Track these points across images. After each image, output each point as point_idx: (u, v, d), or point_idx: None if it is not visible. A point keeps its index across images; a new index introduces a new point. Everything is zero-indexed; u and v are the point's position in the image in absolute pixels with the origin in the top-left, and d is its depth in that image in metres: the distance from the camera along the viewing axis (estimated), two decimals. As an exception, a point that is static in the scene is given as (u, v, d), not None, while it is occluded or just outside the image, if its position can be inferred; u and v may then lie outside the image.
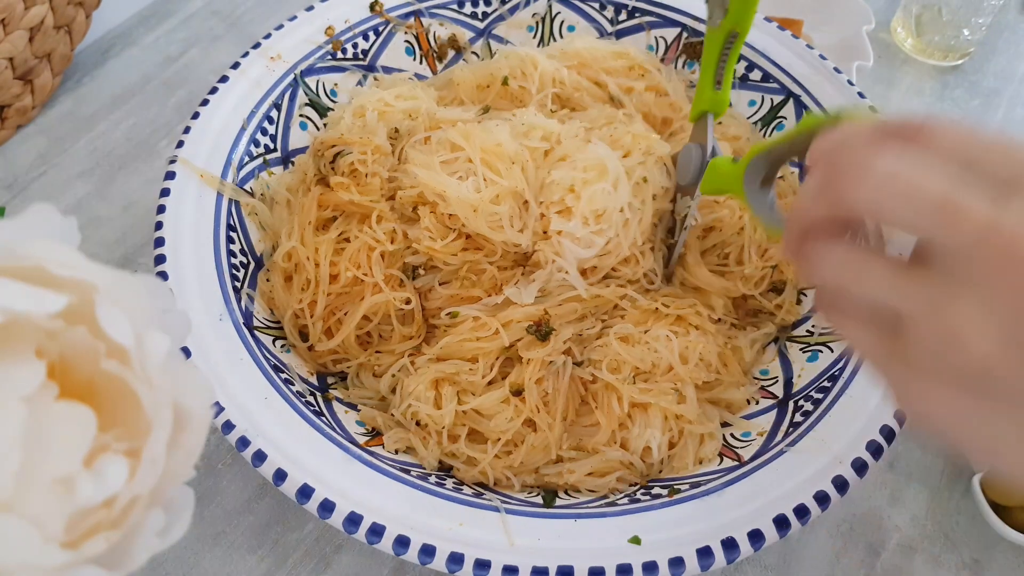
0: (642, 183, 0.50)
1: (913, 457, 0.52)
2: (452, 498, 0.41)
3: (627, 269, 0.50)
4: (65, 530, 0.18)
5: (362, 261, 0.49)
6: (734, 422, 0.48)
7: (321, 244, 0.50)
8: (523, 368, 0.47)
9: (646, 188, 0.50)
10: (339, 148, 0.53)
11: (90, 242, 0.61)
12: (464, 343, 0.48)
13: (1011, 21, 0.83)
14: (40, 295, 0.19)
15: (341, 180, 0.51)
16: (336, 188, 0.51)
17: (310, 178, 0.54)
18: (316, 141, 0.55)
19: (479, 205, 0.48)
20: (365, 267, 0.49)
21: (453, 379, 0.47)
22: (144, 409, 0.20)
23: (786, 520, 0.39)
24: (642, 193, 0.50)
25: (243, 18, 0.77)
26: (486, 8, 0.65)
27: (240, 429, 0.41)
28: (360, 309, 0.49)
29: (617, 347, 0.47)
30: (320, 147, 0.54)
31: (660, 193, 0.51)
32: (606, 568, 0.37)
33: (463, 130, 0.50)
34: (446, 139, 0.50)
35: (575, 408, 0.48)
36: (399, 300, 0.49)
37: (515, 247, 0.49)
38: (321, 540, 0.48)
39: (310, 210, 0.51)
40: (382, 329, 0.50)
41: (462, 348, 0.48)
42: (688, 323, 0.49)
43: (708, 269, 0.52)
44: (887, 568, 0.48)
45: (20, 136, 0.67)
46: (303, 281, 0.50)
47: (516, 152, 0.50)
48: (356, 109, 0.58)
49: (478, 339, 0.48)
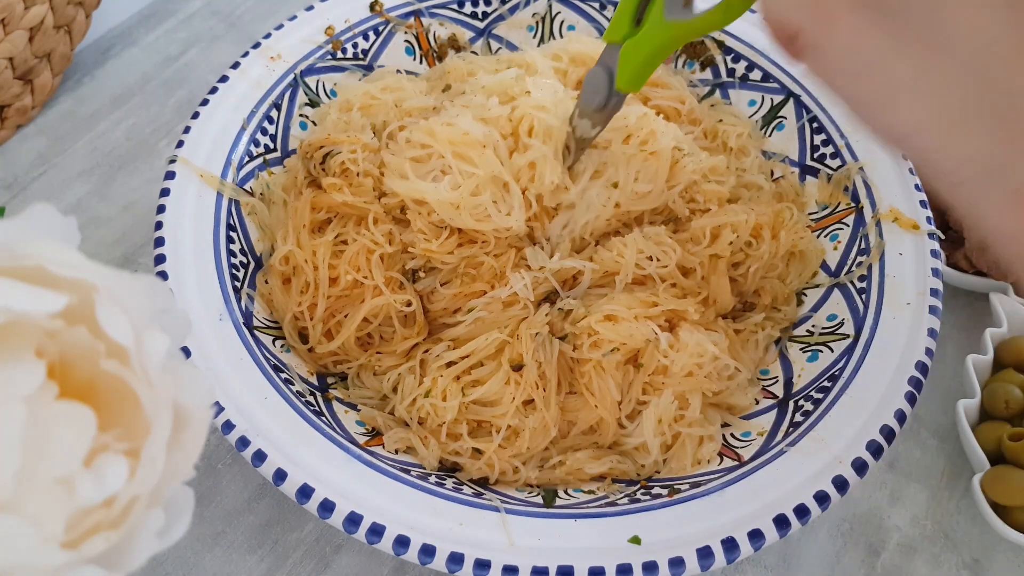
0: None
1: (913, 457, 0.52)
2: (452, 498, 0.41)
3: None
4: (65, 530, 0.18)
5: (361, 264, 0.49)
6: (734, 422, 0.48)
7: (319, 247, 0.50)
8: (516, 343, 0.47)
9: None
10: (327, 148, 0.52)
11: (90, 242, 0.61)
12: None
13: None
14: (40, 295, 0.19)
15: (333, 181, 0.51)
16: (329, 190, 0.51)
17: (301, 180, 0.54)
18: (303, 143, 0.55)
19: (460, 201, 0.48)
20: (365, 270, 0.49)
21: (465, 372, 0.47)
22: (144, 409, 0.20)
23: (786, 520, 0.39)
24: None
25: (243, 18, 0.77)
26: (486, 8, 0.65)
27: (240, 429, 0.41)
28: (360, 312, 0.49)
29: (600, 325, 0.46)
30: (308, 148, 0.54)
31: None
32: (606, 568, 0.37)
33: (427, 127, 0.50)
34: (413, 139, 0.50)
35: (565, 387, 0.48)
36: (400, 302, 0.49)
37: (507, 231, 0.49)
38: (321, 540, 0.48)
39: (304, 213, 0.51)
40: (383, 330, 0.50)
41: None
42: (694, 322, 0.49)
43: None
44: (887, 568, 0.48)
45: (20, 136, 0.67)
46: (302, 284, 0.50)
47: (485, 135, 0.49)
48: (342, 104, 0.58)
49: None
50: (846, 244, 0.53)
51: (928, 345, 0.45)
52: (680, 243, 0.50)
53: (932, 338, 0.46)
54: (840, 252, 0.53)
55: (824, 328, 0.50)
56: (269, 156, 0.57)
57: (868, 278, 0.50)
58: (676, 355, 0.46)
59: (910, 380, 0.44)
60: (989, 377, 0.53)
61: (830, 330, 0.50)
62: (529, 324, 0.47)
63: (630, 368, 0.47)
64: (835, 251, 0.54)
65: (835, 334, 0.49)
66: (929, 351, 0.45)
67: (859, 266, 0.51)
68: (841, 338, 0.48)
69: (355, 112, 0.56)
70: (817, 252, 0.54)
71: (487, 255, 0.49)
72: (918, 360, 0.45)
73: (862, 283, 0.50)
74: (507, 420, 0.45)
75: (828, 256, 0.54)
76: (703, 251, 0.50)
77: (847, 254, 0.53)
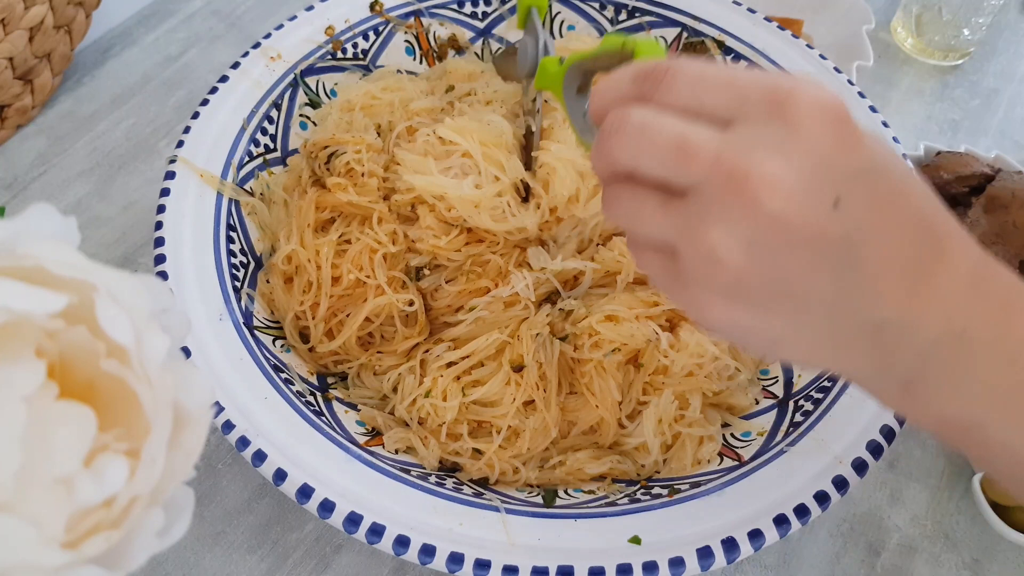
0: None
1: (913, 457, 0.52)
2: (452, 498, 0.41)
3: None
4: (65, 530, 0.18)
5: (364, 263, 0.49)
6: (734, 422, 0.48)
7: (322, 246, 0.50)
8: (517, 344, 0.47)
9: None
10: (332, 148, 0.53)
11: (90, 242, 0.61)
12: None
13: (1011, 21, 0.83)
14: (40, 295, 0.19)
15: (339, 181, 0.51)
16: (334, 189, 0.51)
17: (305, 180, 0.54)
18: (308, 143, 0.55)
19: (481, 201, 0.48)
20: (368, 269, 0.49)
21: (466, 373, 0.47)
22: (144, 409, 0.20)
23: (786, 520, 0.39)
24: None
25: (243, 18, 0.77)
26: (486, 8, 0.65)
27: (240, 429, 0.41)
28: (363, 311, 0.49)
29: (601, 326, 0.47)
30: (313, 148, 0.54)
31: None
32: (606, 568, 0.37)
33: (457, 125, 0.50)
34: (440, 135, 0.50)
35: (566, 388, 0.48)
36: (402, 302, 0.49)
37: (520, 232, 0.49)
38: (321, 540, 0.48)
39: (308, 212, 0.51)
40: (384, 330, 0.50)
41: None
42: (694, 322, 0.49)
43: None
44: (887, 568, 0.48)
45: (20, 136, 0.67)
46: (304, 283, 0.50)
47: (515, 138, 0.49)
48: (343, 104, 0.58)
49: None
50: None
51: (928, 345, 0.45)
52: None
53: (932, 338, 0.45)
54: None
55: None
56: (269, 156, 0.57)
57: (868, 278, 0.50)
58: (676, 355, 0.46)
59: (910, 380, 0.44)
60: (989, 377, 0.53)
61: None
62: (530, 325, 0.47)
63: (630, 368, 0.47)
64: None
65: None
66: (929, 351, 0.45)
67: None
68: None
69: (357, 112, 0.56)
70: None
71: (493, 254, 0.50)
72: (918, 360, 0.45)
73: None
74: (508, 421, 0.45)
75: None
76: None
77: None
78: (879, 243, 0.26)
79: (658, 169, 0.26)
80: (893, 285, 0.26)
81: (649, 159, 0.27)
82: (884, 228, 0.26)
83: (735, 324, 0.27)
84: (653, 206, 0.27)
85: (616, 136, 0.27)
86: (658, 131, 0.26)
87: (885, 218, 0.26)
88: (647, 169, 0.27)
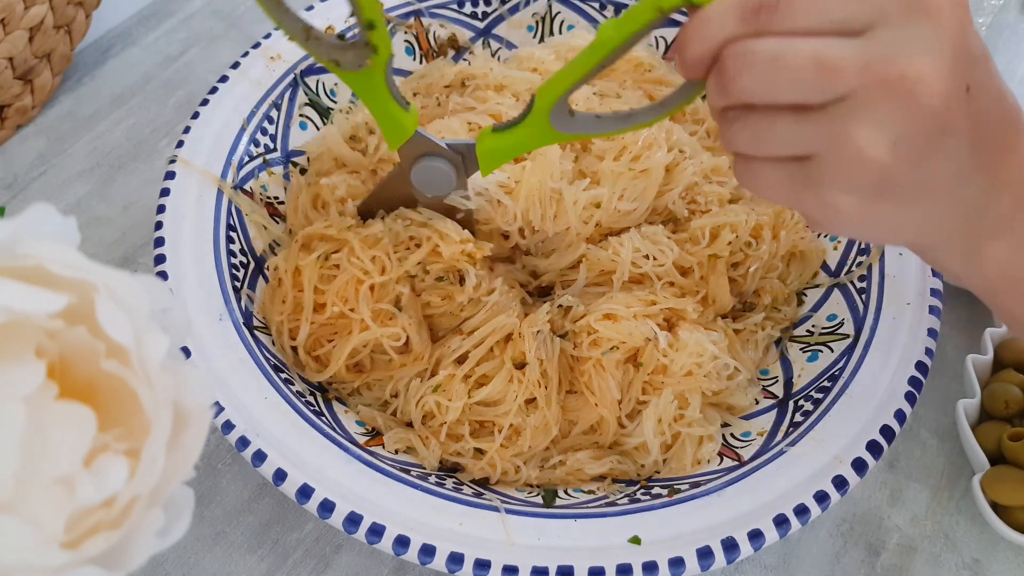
0: None
1: (913, 457, 0.52)
2: (452, 498, 0.41)
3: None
4: (65, 530, 0.18)
5: (350, 295, 0.47)
6: (734, 422, 0.48)
7: (305, 267, 0.48)
8: (519, 341, 0.47)
9: None
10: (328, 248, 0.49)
11: (90, 242, 0.61)
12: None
13: (1011, 21, 0.83)
14: (40, 295, 0.19)
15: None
16: None
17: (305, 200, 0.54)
18: (303, 235, 0.50)
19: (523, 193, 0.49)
20: (352, 302, 0.47)
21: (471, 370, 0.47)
22: (144, 409, 0.20)
23: (786, 520, 0.39)
24: None
25: (243, 18, 0.77)
26: (486, 8, 0.65)
27: (240, 429, 0.41)
28: (348, 344, 0.47)
29: (601, 324, 0.46)
30: (307, 240, 0.50)
31: None
32: (606, 568, 0.37)
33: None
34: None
35: (566, 386, 0.48)
36: (389, 337, 0.47)
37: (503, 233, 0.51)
38: (321, 540, 0.48)
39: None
40: (376, 357, 0.49)
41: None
42: (693, 321, 0.49)
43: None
44: (887, 568, 0.48)
45: (20, 136, 0.67)
46: (280, 299, 0.49)
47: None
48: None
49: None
50: (846, 244, 0.53)
51: (928, 345, 0.45)
52: (679, 243, 0.50)
53: (932, 338, 0.46)
54: (840, 252, 0.53)
55: (824, 328, 0.50)
56: (269, 156, 0.57)
57: (868, 278, 0.50)
58: (675, 354, 0.46)
59: (910, 380, 0.44)
60: (989, 377, 0.53)
61: (830, 330, 0.50)
62: (531, 322, 0.47)
63: (630, 367, 0.47)
64: (835, 251, 0.54)
65: (835, 334, 0.49)
66: (929, 351, 0.45)
67: (859, 266, 0.51)
68: (841, 338, 0.48)
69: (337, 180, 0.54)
70: (818, 252, 0.54)
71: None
72: (918, 360, 0.45)
73: (862, 283, 0.50)
74: (509, 419, 0.45)
75: (828, 256, 0.54)
76: (702, 251, 0.50)
77: (847, 254, 0.53)
78: (988, 123, 0.29)
79: (794, 94, 0.27)
80: (992, 157, 0.30)
81: (785, 86, 0.27)
82: (989, 109, 0.29)
83: (865, 220, 0.29)
84: (787, 120, 0.28)
85: (746, 73, 0.28)
86: (793, 57, 0.27)
87: (991, 100, 0.29)
88: (782, 97, 0.28)
